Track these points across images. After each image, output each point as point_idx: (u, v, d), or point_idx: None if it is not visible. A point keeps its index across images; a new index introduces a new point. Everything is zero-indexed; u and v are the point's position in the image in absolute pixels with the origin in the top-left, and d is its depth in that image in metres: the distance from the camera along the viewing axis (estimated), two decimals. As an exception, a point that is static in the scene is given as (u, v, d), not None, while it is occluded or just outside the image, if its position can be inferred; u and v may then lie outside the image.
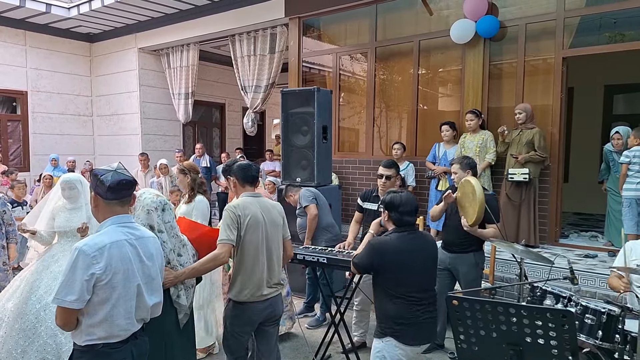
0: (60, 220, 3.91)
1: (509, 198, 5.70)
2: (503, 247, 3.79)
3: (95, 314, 2.10)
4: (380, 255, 2.84)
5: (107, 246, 2.10)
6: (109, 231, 2.19)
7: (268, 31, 8.61)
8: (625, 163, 5.16)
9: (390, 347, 2.80)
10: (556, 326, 1.95)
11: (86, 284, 2.03)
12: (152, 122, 10.72)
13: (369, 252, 2.90)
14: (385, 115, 7.59)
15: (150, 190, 2.92)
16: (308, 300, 5.43)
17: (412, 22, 7.10)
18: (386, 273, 2.84)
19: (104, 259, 2.07)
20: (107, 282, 2.08)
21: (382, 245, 2.88)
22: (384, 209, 3.01)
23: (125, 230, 2.22)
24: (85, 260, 2.04)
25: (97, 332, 2.11)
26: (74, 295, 2.02)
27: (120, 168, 2.30)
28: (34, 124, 10.57)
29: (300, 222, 5.17)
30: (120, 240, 2.17)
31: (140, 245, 2.25)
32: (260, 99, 8.99)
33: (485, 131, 5.97)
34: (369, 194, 4.49)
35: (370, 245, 2.94)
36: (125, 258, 2.15)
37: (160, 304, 2.37)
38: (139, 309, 2.23)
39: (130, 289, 2.16)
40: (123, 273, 2.13)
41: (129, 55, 10.62)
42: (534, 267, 4.95)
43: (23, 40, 10.27)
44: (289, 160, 6.18)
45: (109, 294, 2.10)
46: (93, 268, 2.05)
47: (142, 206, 2.77)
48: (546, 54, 5.99)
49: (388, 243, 2.87)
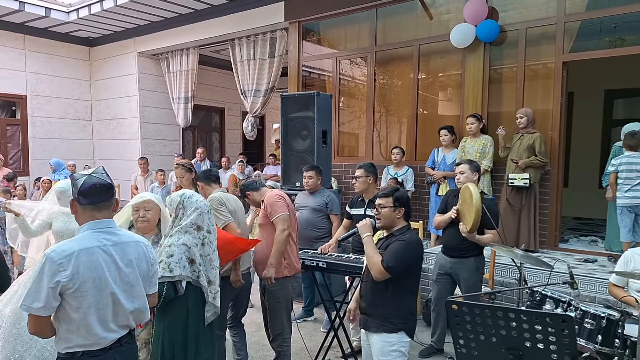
0: (59, 224, 3.89)
1: (509, 203, 5.69)
2: (503, 251, 3.79)
3: (70, 322, 2.04)
4: (419, 253, 2.94)
5: (75, 253, 2.02)
6: (82, 237, 2.11)
7: (268, 35, 8.63)
8: (612, 172, 5.09)
9: (404, 340, 2.89)
10: (556, 331, 1.94)
11: (52, 291, 1.96)
12: (151, 126, 10.73)
13: (407, 253, 2.84)
14: (385, 119, 7.59)
15: (194, 193, 3.06)
16: (306, 305, 5.41)
17: (412, 27, 7.11)
18: (416, 270, 2.96)
19: (70, 266, 1.99)
20: (75, 290, 2.01)
21: (417, 243, 2.94)
22: (399, 205, 2.96)
23: (101, 236, 2.13)
24: (52, 267, 1.97)
25: (74, 339, 2.06)
26: (40, 302, 1.96)
27: (99, 172, 2.22)
28: (33, 128, 10.57)
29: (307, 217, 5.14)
30: (92, 247, 2.08)
31: (118, 252, 2.15)
32: (260, 103, 8.99)
33: (486, 136, 5.96)
34: (355, 200, 4.53)
35: (407, 245, 2.85)
36: (96, 266, 2.06)
37: (142, 311, 2.27)
38: (117, 315, 2.14)
39: (102, 297, 2.07)
40: (93, 281, 2.04)
41: (129, 60, 10.63)
42: (534, 271, 4.93)
43: (22, 44, 10.29)
44: (289, 165, 6.17)
45: (79, 302, 2.03)
46: (59, 275, 1.97)
47: (195, 207, 2.91)
48: (546, 58, 5.99)
49: (418, 241, 2.98)
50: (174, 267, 2.76)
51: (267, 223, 3.74)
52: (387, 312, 2.88)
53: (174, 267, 2.76)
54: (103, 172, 2.24)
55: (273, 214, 3.69)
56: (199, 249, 2.88)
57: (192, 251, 2.84)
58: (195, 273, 2.85)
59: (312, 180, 5.07)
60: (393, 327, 2.87)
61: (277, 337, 3.71)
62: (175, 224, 2.92)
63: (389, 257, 2.81)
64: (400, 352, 2.87)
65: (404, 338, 2.88)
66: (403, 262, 2.81)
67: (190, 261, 2.83)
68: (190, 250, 2.84)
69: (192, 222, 2.88)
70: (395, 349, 2.86)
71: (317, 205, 5.09)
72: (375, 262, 2.82)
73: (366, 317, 3.00)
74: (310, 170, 5.12)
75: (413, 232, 3.00)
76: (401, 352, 2.88)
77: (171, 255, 2.78)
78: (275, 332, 3.71)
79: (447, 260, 4.23)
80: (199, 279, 2.87)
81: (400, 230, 2.96)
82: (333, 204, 5.11)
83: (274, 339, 3.74)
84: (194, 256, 2.85)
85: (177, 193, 3.02)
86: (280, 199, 3.78)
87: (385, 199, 2.97)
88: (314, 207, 5.09)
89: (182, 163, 4.52)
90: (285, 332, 3.75)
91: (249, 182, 4.09)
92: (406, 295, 2.90)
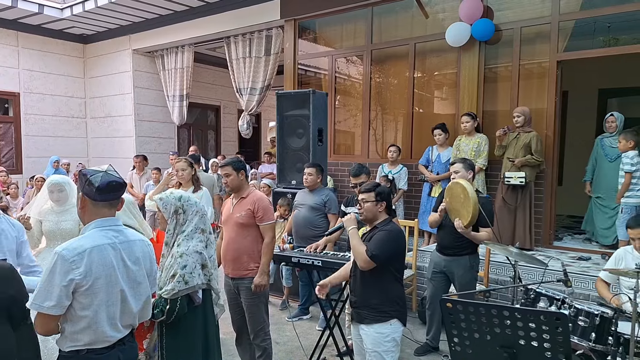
0: (49, 225, 3.86)
1: (505, 202, 5.71)
2: (497, 249, 3.80)
3: (78, 321, 2.03)
4: (401, 241, 3.08)
5: (87, 251, 2.02)
6: (91, 234, 2.11)
7: (263, 33, 8.60)
8: (628, 172, 4.98)
9: (397, 329, 2.99)
10: (550, 329, 1.95)
11: (65, 289, 1.95)
12: (146, 124, 10.68)
13: (391, 241, 2.98)
14: (381, 118, 7.60)
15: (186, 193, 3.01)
16: (302, 303, 5.41)
17: (407, 25, 7.11)
18: (400, 257, 3.10)
19: (83, 264, 1.99)
20: (88, 288, 2.01)
21: (399, 232, 3.09)
22: (380, 199, 3.10)
23: (110, 233, 2.15)
24: (64, 266, 1.96)
25: (81, 338, 2.05)
26: (52, 301, 1.94)
27: (111, 170, 2.24)
28: (26, 126, 10.49)
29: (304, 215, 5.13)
30: (103, 244, 2.09)
31: (125, 249, 2.16)
32: (255, 101, 8.98)
33: (481, 135, 5.97)
34: (350, 199, 4.55)
35: (388, 234, 3.00)
36: (107, 263, 2.07)
37: (146, 308, 2.31)
38: (124, 314, 2.16)
39: (112, 294, 2.09)
40: (105, 278, 2.06)
41: (123, 57, 10.58)
42: (528, 269, 4.95)
43: (15, 41, 10.21)
44: (284, 163, 6.16)
45: (91, 300, 2.03)
46: (72, 274, 1.97)
47: (196, 210, 2.85)
48: (541, 57, 6.01)
49: (400, 230, 3.13)
50: (189, 279, 2.68)
51: (251, 224, 3.64)
52: (378, 301, 2.98)
53: (188, 279, 2.68)
54: (115, 171, 2.27)
55: (264, 219, 3.63)
56: (207, 251, 2.85)
57: (202, 256, 2.79)
58: (207, 277, 2.81)
59: (311, 177, 5.08)
60: (386, 315, 2.96)
61: (259, 332, 3.68)
62: (178, 230, 2.82)
63: (373, 246, 2.95)
64: (394, 342, 2.96)
65: (397, 327, 2.98)
66: (387, 250, 2.94)
67: (202, 266, 2.79)
68: (201, 256, 2.79)
69: (196, 226, 2.81)
70: (390, 339, 2.95)
71: (316, 204, 5.09)
72: (361, 252, 2.96)
73: (358, 310, 3.07)
74: (311, 167, 5.14)
75: (394, 224, 3.14)
76: (395, 341, 2.97)
77: (185, 266, 2.69)
78: (257, 328, 3.67)
79: (442, 259, 4.24)
80: (210, 282, 2.85)
81: (383, 223, 3.09)
82: (331, 203, 5.12)
83: (255, 336, 3.70)
84: (205, 260, 2.80)
85: (172, 196, 2.86)
86: (271, 205, 3.78)
87: (367, 194, 3.11)
88: (312, 205, 5.10)
89: (186, 157, 4.68)
90: (266, 325, 3.74)
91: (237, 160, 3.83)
92: (393, 281, 3.03)
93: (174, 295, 2.63)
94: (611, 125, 5.73)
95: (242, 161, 3.87)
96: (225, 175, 3.70)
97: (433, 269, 4.35)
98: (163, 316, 2.64)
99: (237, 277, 3.68)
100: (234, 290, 3.74)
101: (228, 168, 3.68)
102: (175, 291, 2.63)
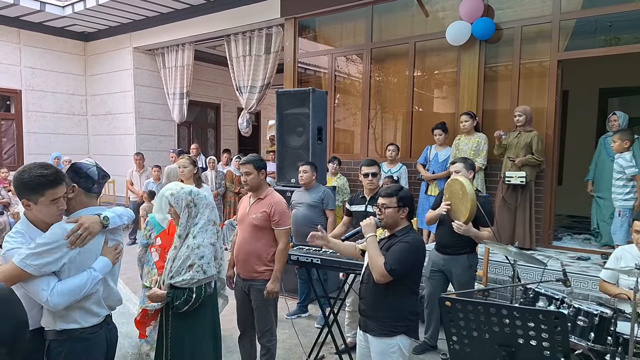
0: None
1: (505, 201, 5.70)
2: (496, 249, 3.79)
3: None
4: (422, 253, 2.86)
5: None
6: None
7: (264, 31, 8.60)
8: (638, 174, 4.84)
9: (403, 341, 2.81)
10: (548, 328, 1.95)
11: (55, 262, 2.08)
12: (146, 122, 10.69)
13: (412, 254, 2.76)
14: (381, 116, 7.59)
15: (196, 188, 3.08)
16: (302, 301, 5.42)
17: (408, 24, 7.11)
18: (418, 270, 2.88)
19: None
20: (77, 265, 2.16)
21: (420, 244, 2.85)
22: (403, 205, 2.87)
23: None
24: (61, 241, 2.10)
25: (72, 314, 2.17)
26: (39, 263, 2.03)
27: (93, 162, 2.42)
28: (28, 123, 10.52)
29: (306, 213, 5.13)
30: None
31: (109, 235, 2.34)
32: (255, 99, 8.97)
33: (480, 134, 5.96)
34: (355, 197, 4.54)
35: (410, 247, 2.76)
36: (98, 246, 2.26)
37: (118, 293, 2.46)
38: (108, 296, 2.33)
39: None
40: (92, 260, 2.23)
41: (124, 55, 10.59)
42: (528, 269, 4.95)
43: (17, 39, 10.22)
44: (284, 162, 6.16)
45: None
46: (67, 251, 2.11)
47: (207, 203, 2.92)
48: (541, 56, 6.00)
49: (421, 241, 2.89)
50: (207, 269, 2.78)
51: (266, 227, 3.56)
52: (388, 315, 2.80)
53: (206, 269, 2.78)
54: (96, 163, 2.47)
55: (281, 224, 3.54)
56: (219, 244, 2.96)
57: (215, 247, 2.90)
58: (217, 268, 2.92)
59: (306, 175, 5.10)
60: (393, 331, 2.79)
61: (266, 332, 3.68)
62: (191, 223, 2.85)
63: (392, 260, 2.69)
64: (400, 353, 2.81)
65: (404, 340, 2.81)
66: (406, 265, 2.71)
67: (214, 258, 2.88)
68: (214, 247, 2.88)
69: (208, 218, 2.89)
70: (395, 350, 2.81)
71: (314, 202, 5.12)
72: (379, 264, 2.71)
73: (366, 320, 2.90)
74: (306, 165, 5.17)
75: (415, 233, 2.94)
76: (401, 353, 2.82)
77: (202, 257, 2.78)
78: (265, 328, 3.68)
79: (440, 257, 4.24)
80: (220, 274, 2.96)
81: (403, 231, 2.86)
82: (329, 199, 5.14)
83: (262, 335, 3.71)
84: (216, 252, 2.91)
85: (183, 190, 2.89)
86: (288, 210, 3.69)
87: (389, 199, 2.86)
88: (310, 203, 5.11)
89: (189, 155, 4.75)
90: (273, 326, 3.73)
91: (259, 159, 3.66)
92: (407, 295, 2.82)
93: (195, 284, 2.73)
94: (614, 124, 5.70)
95: (263, 160, 3.66)
96: (246, 174, 3.54)
97: (431, 267, 4.35)
98: (186, 306, 2.72)
99: (248, 279, 3.61)
100: (245, 291, 3.67)
101: (249, 166, 3.52)
102: (195, 280, 2.73)
